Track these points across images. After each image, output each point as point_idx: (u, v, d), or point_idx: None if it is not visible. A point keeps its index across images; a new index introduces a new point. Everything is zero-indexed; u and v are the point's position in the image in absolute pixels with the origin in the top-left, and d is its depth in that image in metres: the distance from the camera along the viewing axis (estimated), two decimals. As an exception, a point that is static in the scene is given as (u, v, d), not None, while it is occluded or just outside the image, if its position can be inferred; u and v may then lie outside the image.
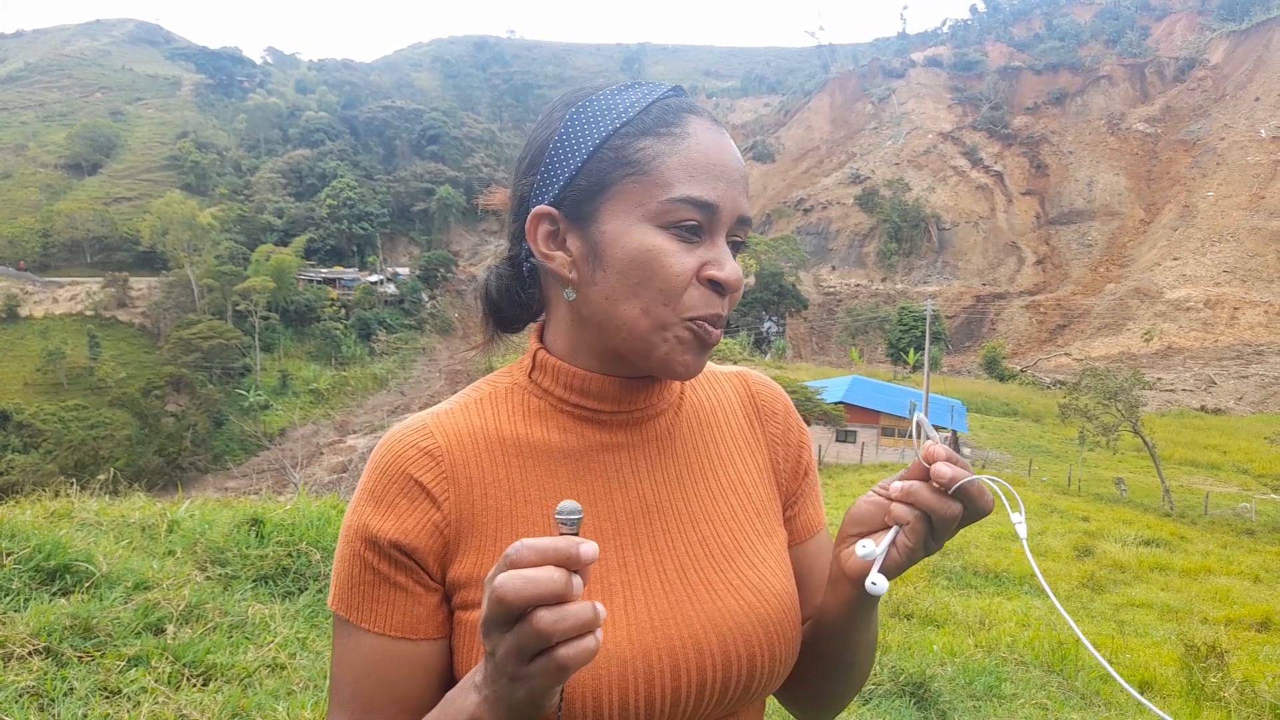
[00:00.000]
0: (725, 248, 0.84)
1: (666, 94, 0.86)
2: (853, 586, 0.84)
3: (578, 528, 0.65)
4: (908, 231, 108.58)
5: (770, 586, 0.88)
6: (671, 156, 0.81)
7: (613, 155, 0.82)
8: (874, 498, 0.84)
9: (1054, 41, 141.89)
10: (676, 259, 0.81)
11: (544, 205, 0.85)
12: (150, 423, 55.08)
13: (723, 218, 0.83)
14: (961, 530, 0.82)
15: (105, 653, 2.75)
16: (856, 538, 0.84)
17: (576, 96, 0.87)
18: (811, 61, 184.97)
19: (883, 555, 0.81)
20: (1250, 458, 43.35)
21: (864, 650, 0.94)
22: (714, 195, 0.81)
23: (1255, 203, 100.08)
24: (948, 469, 0.78)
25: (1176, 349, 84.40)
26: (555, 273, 0.86)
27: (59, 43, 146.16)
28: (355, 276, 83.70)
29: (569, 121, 0.85)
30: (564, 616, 0.61)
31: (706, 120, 0.85)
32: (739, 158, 0.86)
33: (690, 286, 0.82)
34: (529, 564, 0.62)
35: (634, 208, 0.81)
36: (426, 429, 0.86)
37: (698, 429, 0.95)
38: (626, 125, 0.83)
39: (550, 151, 0.85)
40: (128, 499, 4.70)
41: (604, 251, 0.82)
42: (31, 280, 73.34)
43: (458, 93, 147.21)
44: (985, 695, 4.56)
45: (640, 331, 0.82)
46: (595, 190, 0.83)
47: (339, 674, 0.84)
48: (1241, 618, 10.04)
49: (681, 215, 0.80)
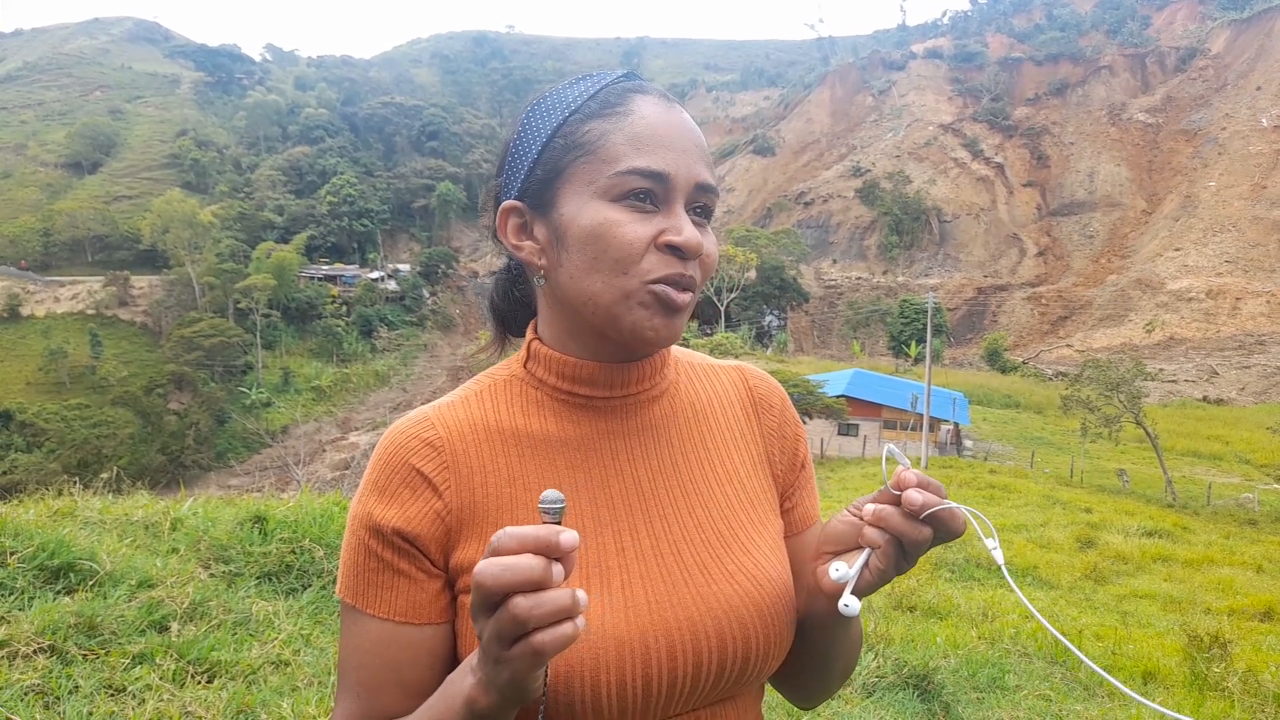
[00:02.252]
0: (683, 214, 0.85)
1: (616, 79, 0.90)
2: (829, 601, 0.85)
3: (560, 516, 0.66)
4: (909, 224, 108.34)
5: (765, 573, 0.90)
6: (616, 134, 0.84)
7: (563, 142, 0.86)
8: (848, 517, 0.86)
9: (1054, 32, 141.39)
10: (630, 228, 0.83)
11: (510, 200, 0.89)
12: (153, 421, 55.16)
13: (677, 185, 0.84)
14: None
15: (110, 650, 2.75)
16: (831, 555, 0.86)
17: (534, 97, 0.91)
18: (811, 54, 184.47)
19: (855, 578, 0.82)
20: (1253, 448, 43.28)
21: (845, 651, 0.98)
22: (662, 164, 0.83)
23: (1257, 192, 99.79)
24: (919, 495, 0.79)
25: (1178, 340, 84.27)
26: (527, 261, 0.90)
27: (58, 41, 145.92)
28: (356, 273, 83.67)
29: (525, 119, 0.89)
30: (540, 603, 0.63)
31: (654, 96, 0.88)
32: (692, 127, 0.88)
33: (648, 253, 0.83)
34: (509, 551, 0.64)
35: (586, 186, 0.84)
36: (428, 421, 0.88)
37: (694, 419, 0.97)
38: (575, 113, 0.86)
39: (511, 150, 0.90)
40: (131, 497, 4.71)
41: (564, 233, 0.85)
42: (33, 279, 73.35)
43: (457, 88, 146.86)
44: (988, 687, 4.56)
45: (605, 303, 0.84)
46: (551, 177, 0.86)
47: (346, 658, 0.86)
48: (1244, 608, 10.03)
49: (631, 185, 0.82)
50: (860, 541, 0.83)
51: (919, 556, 0.82)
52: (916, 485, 0.80)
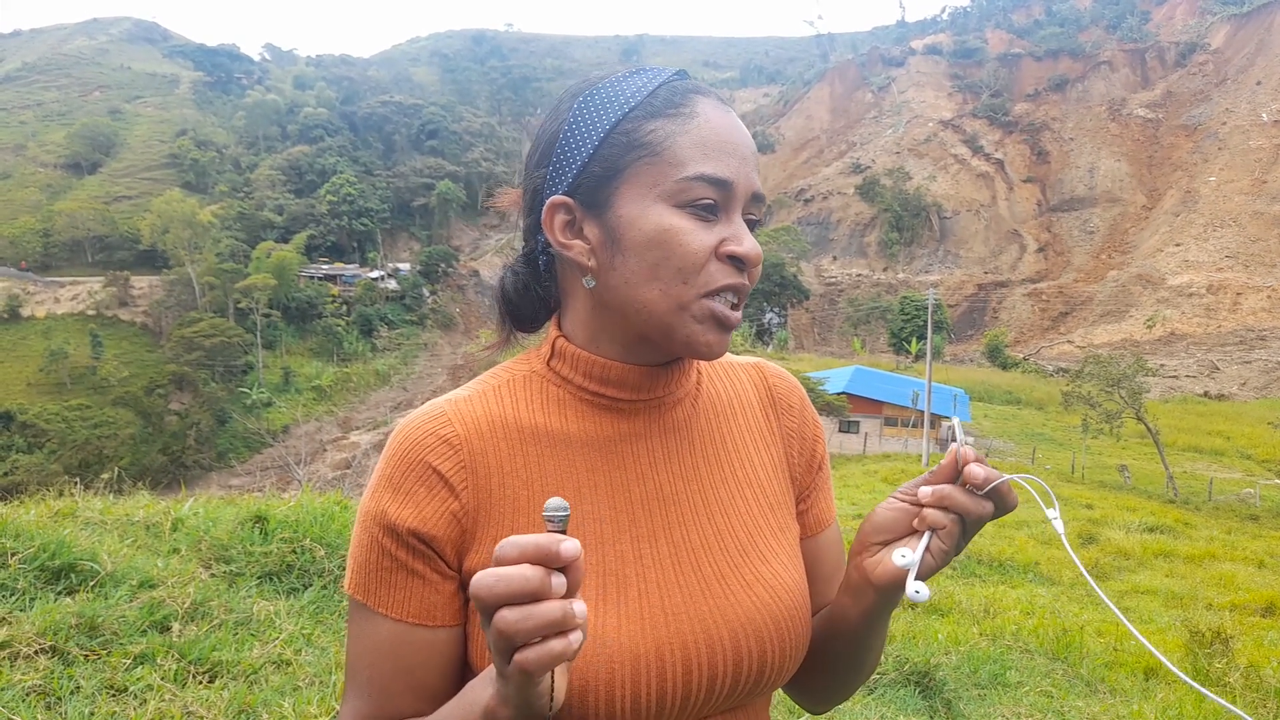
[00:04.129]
0: (742, 223, 0.84)
1: (672, 77, 0.87)
2: (878, 594, 0.84)
3: (564, 525, 0.64)
4: (909, 220, 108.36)
5: (782, 582, 0.88)
6: (683, 136, 0.81)
7: (624, 140, 0.82)
8: (896, 504, 0.85)
9: (1054, 28, 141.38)
10: (694, 236, 0.80)
11: (559, 195, 0.84)
12: (153, 421, 55.25)
13: (738, 194, 0.83)
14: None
15: (111, 651, 2.75)
16: (880, 545, 0.84)
17: (583, 87, 0.87)
18: (811, 51, 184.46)
19: (919, 562, 0.81)
20: (1254, 443, 43.33)
21: (874, 651, 0.96)
22: (728, 172, 0.81)
23: (1257, 187, 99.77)
24: (981, 470, 0.79)
25: (1179, 335, 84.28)
26: (575, 261, 0.85)
27: (56, 42, 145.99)
28: (356, 272, 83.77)
29: (577, 111, 0.85)
30: (527, 617, 0.61)
31: (714, 99, 0.86)
32: (748, 135, 0.86)
33: (709, 263, 0.82)
34: (509, 561, 0.62)
35: (649, 189, 0.81)
36: (445, 416, 0.85)
37: (715, 420, 0.95)
38: (635, 109, 0.83)
39: (561, 142, 0.85)
40: (132, 498, 4.70)
41: (622, 235, 0.82)
42: (33, 280, 73.46)
43: (456, 87, 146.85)
44: (990, 683, 4.56)
45: (659, 311, 0.82)
46: (609, 175, 0.83)
47: (355, 658, 0.84)
48: (1246, 603, 10.03)
49: (697, 193, 0.80)
50: (920, 525, 0.82)
51: (976, 533, 0.82)
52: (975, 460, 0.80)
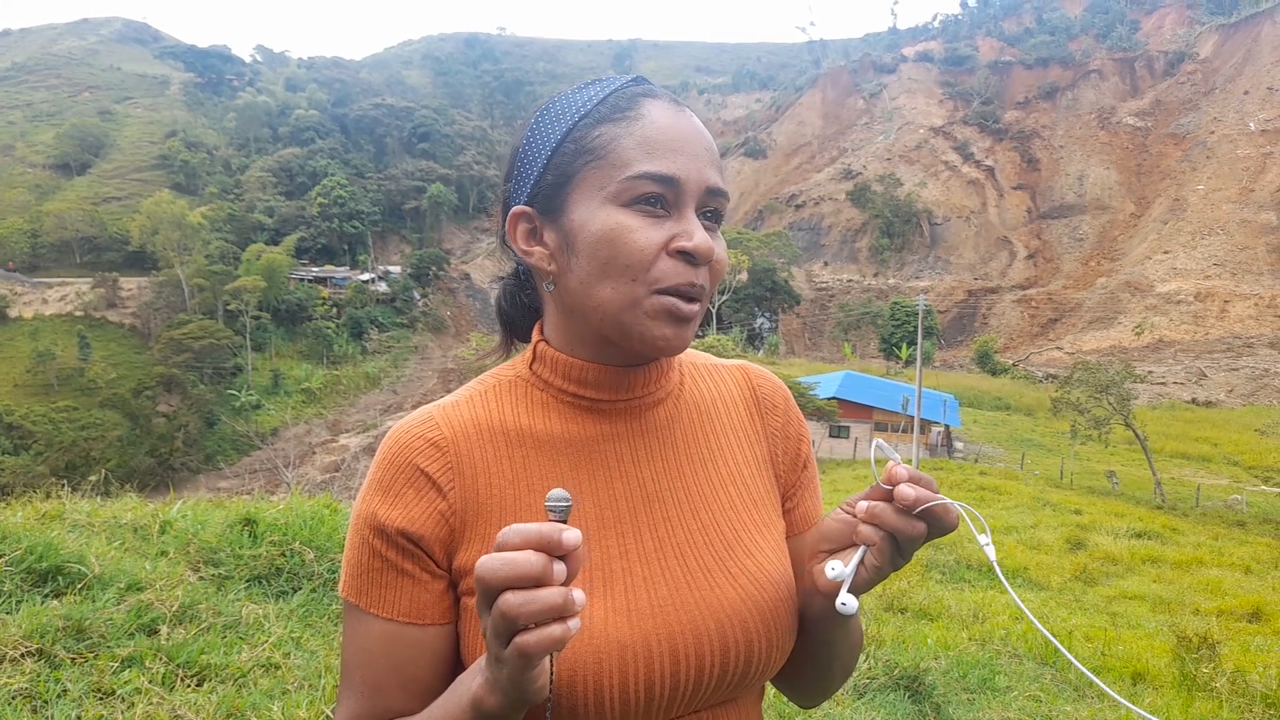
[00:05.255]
0: (694, 219, 0.84)
1: (625, 84, 0.89)
2: (826, 600, 0.85)
3: (566, 515, 0.66)
4: (900, 226, 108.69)
5: (768, 575, 0.90)
6: (627, 138, 0.83)
7: (573, 147, 0.85)
8: (841, 515, 0.86)
9: (1044, 36, 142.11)
10: (641, 234, 0.82)
11: (520, 205, 0.88)
12: (141, 423, 54.90)
13: (687, 189, 0.83)
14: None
15: (99, 654, 2.74)
16: (826, 554, 0.86)
17: (543, 103, 0.91)
18: (802, 57, 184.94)
19: (851, 576, 0.82)
20: (1241, 450, 43.56)
21: (843, 651, 0.97)
22: (672, 168, 0.83)
23: (1245, 196, 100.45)
24: (911, 490, 0.78)
25: (1167, 342, 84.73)
26: (536, 267, 0.88)
27: (46, 42, 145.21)
28: (347, 275, 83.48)
29: (534, 125, 0.89)
30: (530, 600, 0.63)
31: (663, 101, 0.87)
32: (702, 131, 0.87)
33: (659, 259, 0.83)
34: (513, 547, 0.64)
35: (597, 191, 0.83)
36: (432, 421, 0.88)
37: (698, 420, 0.96)
38: (584, 117, 0.86)
39: (520, 155, 0.89)
40: (119, 500, 4.68)
41: (575, 238, 0.84)
42: (20, 281, 72.95)
43: (448, 90, 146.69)
44: (979, 688, 4.58)
45: (613, 310, 0.83)
46: (561, 182, 0.85)
47: (349, 657, 0.86)
48: (1233, 609, 10.10)
49: (641, 190, 0.82)
50: (855, 539, 0.83)
51: (914, 552, 0.82)
52: (908, 480, 0.80)
